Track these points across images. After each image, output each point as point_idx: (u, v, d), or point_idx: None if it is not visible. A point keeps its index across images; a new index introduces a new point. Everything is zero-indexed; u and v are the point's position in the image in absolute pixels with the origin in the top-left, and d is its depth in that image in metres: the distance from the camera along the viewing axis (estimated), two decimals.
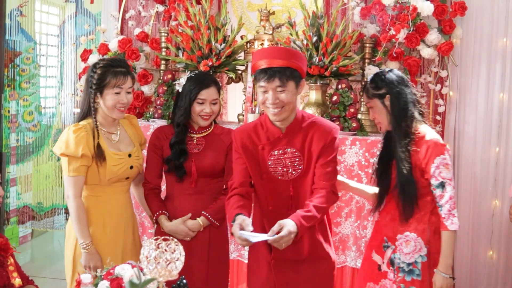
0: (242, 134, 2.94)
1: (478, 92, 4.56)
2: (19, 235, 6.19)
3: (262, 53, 2.82)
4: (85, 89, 3.08)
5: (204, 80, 3.16)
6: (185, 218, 3.16)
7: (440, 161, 2.88)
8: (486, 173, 4.55)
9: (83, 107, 3.08)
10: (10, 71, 5.92)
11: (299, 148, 2.85)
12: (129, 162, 3.10)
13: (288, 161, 2.86)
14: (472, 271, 4.60)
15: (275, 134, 2.87)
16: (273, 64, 2.72)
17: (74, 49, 6.25)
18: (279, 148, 2.86)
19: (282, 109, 2.78)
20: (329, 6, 4.72)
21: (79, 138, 2.93)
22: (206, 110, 3.13)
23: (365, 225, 3.94)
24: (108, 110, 3.02)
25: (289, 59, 2.74)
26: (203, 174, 3.17)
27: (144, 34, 4.75)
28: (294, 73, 2.76)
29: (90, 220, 3.04)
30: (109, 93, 3.00)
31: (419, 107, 3.06)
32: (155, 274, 1.95)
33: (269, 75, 2.73)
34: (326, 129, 2.86)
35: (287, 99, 2.75)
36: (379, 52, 4.23)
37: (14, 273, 2.54)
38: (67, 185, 3.00)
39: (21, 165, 6.18)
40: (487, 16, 4.48)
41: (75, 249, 3.04)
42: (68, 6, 6.61)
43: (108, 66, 3.01)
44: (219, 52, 4.20)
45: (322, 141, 2.83)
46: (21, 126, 6.11)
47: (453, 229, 2.88)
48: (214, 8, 4.79)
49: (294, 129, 2.86)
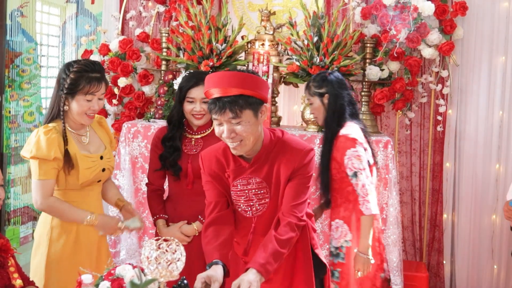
0: (210, 157, 2.61)
1: (479, 92, 4.56)
2: (20, 236, 6.18)
3: (211, 79, 2.41)
4: (55, 90, 2.89)
5: (193, 78, 3.12)
6: (180, 224, 3.14)
7: (351, 153, 3.18)
8: (487, 173, 4.56)
9: (52, 108, 2.91)
10: (10, 71, 5.91)
11: (265, 177, 2.52)
12: (101, 165, 2.98)
13: (253, 193, 2.54)
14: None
15: (241, 163, 2.54)
16: (224, 93, 2.34)
17: (75, 49, 6.24)
18: (244, 178, 2.54)
19: (242, 143, 2.42)
20: (330, 6, 4.72)
21: (50, 140, 2.79)
22: (196, 108, 3.09)
23: None
24: (77, 115, 2.87)
25: (241, 85, 2.35)
26: (200, 175, 3.15)
27: (145, 34, 4.75)
28: (249, 100, 2.36)
29: (63, 226, 2.91)
30: (80, 99, 2.83)
31: (351, 108, 3.38)
32: (156, 275, 1.94)
33: (219, 107, 2.35)
34: (295, 151, 2.51)
35: (245, 131, 2.38)
36: (380, 52, 4.23)
37: (14, 274, 2.53)
38: (36, 190, 2.83)
39: (21, 165, 6.17)
40: (488, 16, 4.49)
41: (47, 257, 2.90)
42: (69, 6, 6.60)
43: (82, 71, 2.82)
44: (220, 52, 4.20)
45: (291, 164, 2.48)
46: (22, 126, 6.09)
47: (367, 213, 3.16)
48: (215, 9, 4.79)
49: (261, 158, 2.52)
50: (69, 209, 2.87)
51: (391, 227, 3.90)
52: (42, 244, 2.94)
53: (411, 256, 4.80)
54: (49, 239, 2.91)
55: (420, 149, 4.77)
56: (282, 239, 2.42)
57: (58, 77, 2.88)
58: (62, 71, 2.87)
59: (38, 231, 2.99)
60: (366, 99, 4.39)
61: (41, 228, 2.97)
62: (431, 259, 4.79)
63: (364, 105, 4.38)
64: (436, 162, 4.75)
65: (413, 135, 4.77)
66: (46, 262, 2.92)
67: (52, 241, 2.91)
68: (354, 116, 3.38)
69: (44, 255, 2.92)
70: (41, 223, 2.98)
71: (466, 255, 4.65)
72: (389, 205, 3.90)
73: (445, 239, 4.72)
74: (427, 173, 4.72)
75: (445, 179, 4.68)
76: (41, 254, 2.94)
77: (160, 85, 4.42)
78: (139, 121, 4.33)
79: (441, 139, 4.69)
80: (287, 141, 2.54)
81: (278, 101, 4.51)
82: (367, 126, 4.18)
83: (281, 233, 2.43)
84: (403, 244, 4.61)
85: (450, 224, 4.70)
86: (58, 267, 2.91)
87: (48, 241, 2.91)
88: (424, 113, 4.73)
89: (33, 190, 2.84)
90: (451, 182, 4.67)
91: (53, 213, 2.89)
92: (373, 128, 4.27)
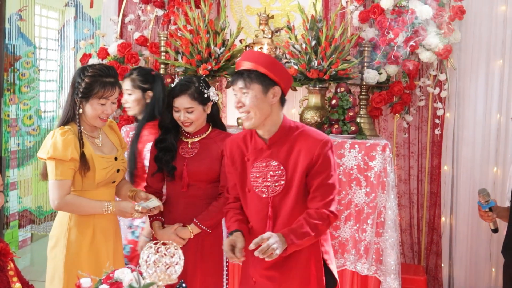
0: (232, 143, 2.86)
1: (477, 95, 4.58)
2: (19, 239, 6.19)
3: (245, 54, 2.76)
4: (70, 94, 2.97)
5: (176, 88, 3.15)
6: (176, 226, 3.15)
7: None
8: (485, 176, 4.57)
9: (67, 112, 2.97)
10: (9, 75, 5.93)
11: (283, 161, 2.69)
12: (116, 166, 3.05)
13: (269, 176, 2.70)
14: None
15: (259, 145, 2.74)
16: (247, 67, 2.65)
17: (73, 53, 6.26)
18: (262, 160, 2.72)
19: (248, 115, 2.65)
20: (328, 10, 4.73)
21: (67, 141, 2.85)
22: (180, 118, 3.12)
23: (364, 228, 3.94)
24: (91, 118, 2.95)
25: (260, 63, 2.63)
26: (195, 178, 3.16)
27: (144, 38, 4.77)
28: (261, 77, 2.62)
29: (80, 227, 2.97)
30: (94, 103, 2.91)
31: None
32: (154, 278, 1.95)
33: (234, 77, 2.68)
34: (315, 141, 2.67)
35: (251, 104, 2.62)
36: (378, 55, 4.24)
37: (14, 277, 2.53)
38: (53, 190, 2.88)
39: (21, 169, 6.19)
40: (486, 20, 4.51)
41: (65, 257, 2.95)
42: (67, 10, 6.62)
43: (97, 76, 2.89)
44: (218, 56, 4.21)
45: (310, 154, 2.64)
46: (21, 130, 6.11)
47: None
48: (213, 12, 4.80)
49: (278, 140, 2.71)
50: (86, 202, 2.94)
51: (389, 230, 3.90)
52: (59, 245, 2.99)
53: (409, 259, 4.81)
54: (67, 240, 2.96)
55: (418, 152, 4.78)
56: (311, 221, 2.60)
57: (73, 81, 2.95)
58: (77, 75, 2.95)
59: (55, 233, 3.03)
60: (364, 102, 4.40)
61: (57, 229, 3.01)
62: (429, 262, 4.80)
63: (362, 108, 4.38)
64: (434, 165, 4.76)
65: (411, 138, 4.78)
66: (64, 263, 2.96)
67: (71, 242, 2.96)
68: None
69: (63, 256, 2.96)
70: (58, 225, 3.01)
71: (464, 258, 4.66)
72: (387, 208, 3.91)
73: (443, 242, 4.72)
74: (425, 176, 4.73)
75: (443, 182, 4.69)
76: (59, 255, 2.98)
77: None
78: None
79: (439, 142, 4.71)
80: (308, 131, 2.74)
81: None
82: (365, 129, 4.20)
83: (312, 216, 2.62)
84: (401, 247, 4.62)
85: (448, 227, 4.71)
86: (77, 267, 2.90)
87: (66, 242, 2.96)
88: (422, 117, 4.74)
89: (50, 191, 2.90)
90: (449, 185, 4.68)
91: (71, 209, 2.94)
92: (371, 132, 4.28)
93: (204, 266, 3.19)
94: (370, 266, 3.95)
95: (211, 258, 3.21)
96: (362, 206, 3.95)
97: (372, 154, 3.92)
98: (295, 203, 2.69)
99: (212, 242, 3.20)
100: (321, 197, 2.66)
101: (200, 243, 3.18)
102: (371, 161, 3.92)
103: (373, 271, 3.95)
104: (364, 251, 3.95)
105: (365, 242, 3.94)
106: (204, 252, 3.19)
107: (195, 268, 3.17)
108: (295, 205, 2.69)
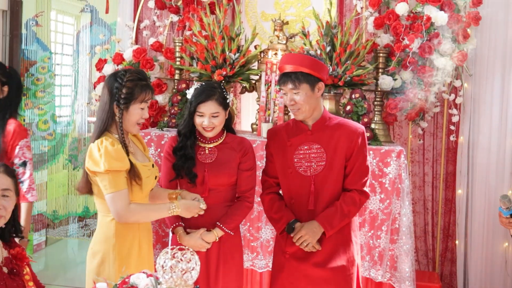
0: (274, 132, 3.27)
1: (493, 102, 4.55)
2: (34, 243, 6.22)
3: (286, 58, 3.13)
4: (107, 101, 2.83)
5: (203, 93, 3.13)
6: (201, 231, 3.15)
7: (24, 144, 3.60)
8: (501, 183, 4.53)
9: (105, 120, 2.84)
10: (25, 80, 5.97)
11: (325, 145, 3.07)
12: (154, 173, 3.02)
13: (313, 157, 3.08)
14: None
15: (302, 131, 3.12)
16: (291, 69, 3.01)
17: (89, 58, 6.30)
18: (306, 144, 3.10)
19: (300, 110, 3.04)
20: (343, 16, 4.73)
21: (118, 151, 2.76)
22: (204, 123, 3.11)
23: (378, 235, 3.92)
24: (130, 125, 2.87)
25: (304, 64, 3.00)
26: (216, 183, 3.18)
27: (159, 43, 4.79)
28: (308, 77, 3.00)
29: (125, 240, 2.88)
30: (135, 108, 2.84)
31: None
32: (170, 284, 1.95)
33: (283, 80, 3.05)
34: (352, 129, 3.10)
35: (302, 101, 3.01)
36: (393, 61, 4.23)
37: (30, 282, 2.54)
38: (114, 203, 2.76)
39: (35, 173, 6.22)
40: (501, 26, 4.48)
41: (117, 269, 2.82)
42: (83, 16, 6.67)
43: (136, 80, 2.83)
44: (233, 61, 4.22)
45: (348, 140, 3.06)
46: (36, 134, 6.15)
47: (32, 200, 3.63)
48: (228, 18, 4.81)
49: (320, 126, 3.10)
50: (151, 208, 2.91)
51: (404, 237, 3.89)
52: (108, 261, 2.87)
53: (424, 266, 4.78)
54: (116, 255, 2.85)
55: (433, 158, 4.76)
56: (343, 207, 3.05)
57: (109, 87, 2.84)
58: (112, 82, 2.84)
59: (100, 248, 2.89)
60: (379, 108, 4.39)
61: (103, 245, 2.88)
62: (444, 269, 4.77)
63: (376, 114, 4.37)
64: (449, 172, 4.73)
65: (426, 145, 4.76)
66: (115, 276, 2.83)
67: (122, 257, 2.86)
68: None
69: (114, 271, 2.85)
70: (103, 239, 2.89)
71: (479, 265, 4.62)
72: (401, 214, 3.89)
73: (458, 249, 4.69)
74: (440, 182, 4.70)
75: (458, 189, 4.67)
76: (110, 270, 2.86)
77: (173, 94, 4.44)
78: (152, 130, 4.35)
79: (454, 149, 4.68)
80: (347, 120, 3.19)
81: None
82: (380, 136, 4.19)
83: (346, 201, 3.07)
84: (415, 254, 4.60)
85: (463, 234, 4.68)
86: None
87: (115, 257, 2.85)
88: (437, 123, 4.72)
89: (111, 204, 2.77)
90: (464, 192, 4.65)
91: (137, 218, 2.84)
92: (386, 138, 4.27)
93: (227, 268, 3.21)
94: (385, 273, 3.93)
95: (232, 261, 3.24)
96: (377, 212, 3.93)
97: (386, 160, 3.90)
98: (335, 182, 3.09)
99: (232, 244, 3.24)
100: (357, 178, 3.10)
101: (222, 246, 3.19)
102: (385, 168, 3.90)
103: (387, 278, 3.93)
104: (378, 258, 3.94)
105: (379, 248, 3.93)
106: (226, 255, 3.21)
107: (217, 271, 3.20)
108: (334, 184, 3.09)
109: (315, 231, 3.03)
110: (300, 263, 3.10)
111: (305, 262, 3.09)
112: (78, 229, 6.49)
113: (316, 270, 3.07)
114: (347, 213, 3.06)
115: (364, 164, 3.12)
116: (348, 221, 3.11)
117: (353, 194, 3.09)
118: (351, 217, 3.11)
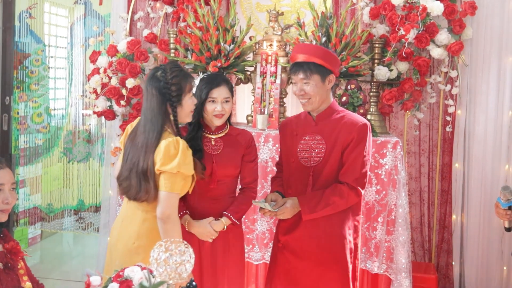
0: (285, 123, 3.37)
1: (489, 92, 4.54)
2: (28, 237, 6.20)
3: (299, 47, 3.16)
4: (158, 102, 2.82)
5: (215, 79, 3.17)
6: (210, 219, 3.14)
7: None
8: (497, 173, 4.53)
9: (161, 122, 2.82)
10: (19, 73, 5.94)
11: (326, 136, 3.10)
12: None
13: (313, 147, 3.11)
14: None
15: (308, 122, 3.18)
16: (304, 59, 3.04)
17: (83, 50, 6.25)
18: (309, 135, 3.15)
19: (309, 101, 3.08)
20: (338, 6, 4.70)
21: (191, 156, 2.80)
22: (217, 108, 3.11)
23: (374, 226, 3.92)
24: (185, 115, 2.90)
25: (316, 55, 3.03)
26: (223, 174, 3.18)
27: (153, 35, 4.76)
28: (319, 68, 3.03)
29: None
30: (187, 99, 2.88)
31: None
32: (164, 277, 1.93)
33: (295, 69, 3.08)
34: (353, 121, 3.09)
35: (312, 91, 3.05)
36: (388, 52, 4.22)
37: (24, 276, 2.53)
38: (168, 203, 2.75)
39: (30, 166, 6.20)
40: (498, 16, 4.47)
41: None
42: (77, 8, 6.61)
43: (178, 73, 2.85)
44: (227, 53, 4.19)
45: (347, 132, 3.05)
46: (30, 127, 6.12)
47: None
48: (223, 9, 4.78)
49: (324, 118, 3.14)
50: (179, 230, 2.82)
51: (400, 228, 3.89)
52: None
53: (420, 257, 4.78)
54: None
55: (429, 149, 4.75)
56: (330, 197, 3.03)
57: (157, 89, 2.82)
58: (157, 83, 2.83)
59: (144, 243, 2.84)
60: (375, 99, 4.38)
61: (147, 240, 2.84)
62: (440, 260, 4.77)
63: (372, 105, 4.36)
64: (445, 163, 4.72)
65: (422, 136, 4.75)
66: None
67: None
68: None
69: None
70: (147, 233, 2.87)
71: (475, 256, 4.62)
72: (397, 206, 3.89)
73: (454, 240, 4.69)
74: (436, 174, 4.70)
75: (454, 180, 4.66)
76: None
77: None
78: None
79: (450, 140, 4.67)
80: (351, 113, 3.19)
81: (286, 102, 4.50)
82: (376, 127, 4.17)
83: (333, 190, 3.04)
84: (411, 245, 4.60)
85: (459, 225, 4.67)
86: None
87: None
88: (433, 114, 4.71)
89: (165, 202, 2.75)
90: (460, 183, 4.64)
91: (174, 227, 2.78)
92: (382, 129, 4.26)
93: (231, 257, 3.23)
94: (381, 264, 3.93)
95: (234, 250, 3.25)
96: (373, 204, 3.93)
97: (382, 151, 3.90)
98: (331, 174, 3.08)
99: (235, 234, 3.26)
100: (349, 172, 3.05)
101: (226, 235, 3.19)
102: (382, 159, 3.90)
103: (383, 269, 3.94)
104: (374, 249, 3.94)
105: (375, 240, 3.93)
106: (229, 244, 3.22)
107: (223, 260, 3.21)
108: (333, 177, 3.08)
109: (294, 209, 3.07)
110: (292, 254, 3.16)
111: (296, 253, 3.14)
112: (73, 222, 6.46)
113: (307, 263, 3.12)
114: (331, 203, 3.02)
115: (359, 159, 3.05)
116: (331, 212, 3.05)
117: (343, 186, 3.04)
118: (336, 208, 3.05)
